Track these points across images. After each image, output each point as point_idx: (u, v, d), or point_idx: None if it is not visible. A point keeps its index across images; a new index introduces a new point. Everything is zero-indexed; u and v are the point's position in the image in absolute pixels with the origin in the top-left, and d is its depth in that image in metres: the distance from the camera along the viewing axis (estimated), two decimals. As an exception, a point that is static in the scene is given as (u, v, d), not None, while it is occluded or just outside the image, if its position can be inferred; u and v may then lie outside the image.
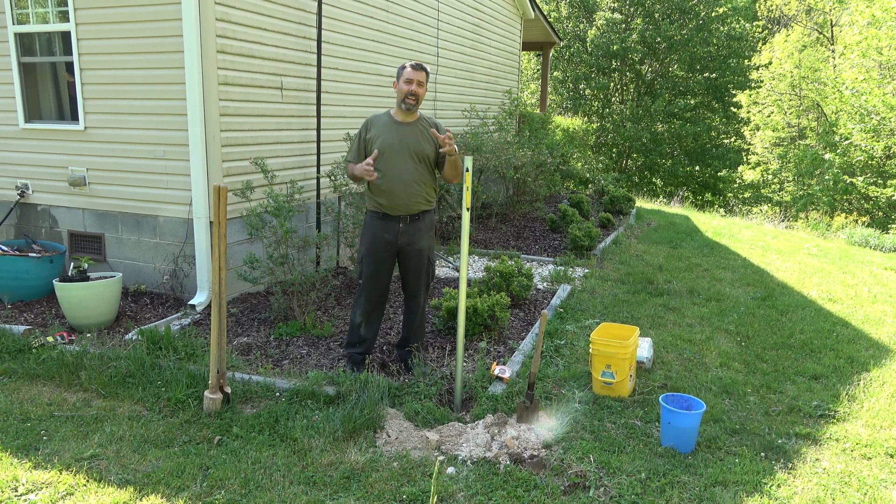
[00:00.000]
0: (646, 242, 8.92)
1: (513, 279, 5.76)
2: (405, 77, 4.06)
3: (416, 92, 4.06)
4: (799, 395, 4.26)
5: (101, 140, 5.81)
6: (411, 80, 4.04)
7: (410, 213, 4.16)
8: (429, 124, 4.18)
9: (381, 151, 4.08)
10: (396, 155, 4.08)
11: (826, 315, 6.02)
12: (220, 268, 3.74)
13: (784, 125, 24.01)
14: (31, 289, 5.66)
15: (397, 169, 4.08)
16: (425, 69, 4.12)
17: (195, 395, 3.95)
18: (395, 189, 4.09)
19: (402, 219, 4.16)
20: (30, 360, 4.41)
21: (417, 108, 4.15)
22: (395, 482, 3.17)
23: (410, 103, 4.07)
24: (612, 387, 4.07)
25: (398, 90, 4.10)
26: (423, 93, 4.12)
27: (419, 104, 4.14)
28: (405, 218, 4.16)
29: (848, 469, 3.42)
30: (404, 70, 4.08)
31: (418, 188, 4.13)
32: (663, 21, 19.41)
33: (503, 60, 11.41)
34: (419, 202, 4.15)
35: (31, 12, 5.84)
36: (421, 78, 4.07)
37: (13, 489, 3.07)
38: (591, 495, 3.10)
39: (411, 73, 4.06)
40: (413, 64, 4.10)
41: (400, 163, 4.08)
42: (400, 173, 4.08)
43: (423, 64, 4.12)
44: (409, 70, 4.06)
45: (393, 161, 4.09)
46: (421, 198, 4.15)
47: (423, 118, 4.21)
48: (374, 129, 4.15)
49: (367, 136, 4.17)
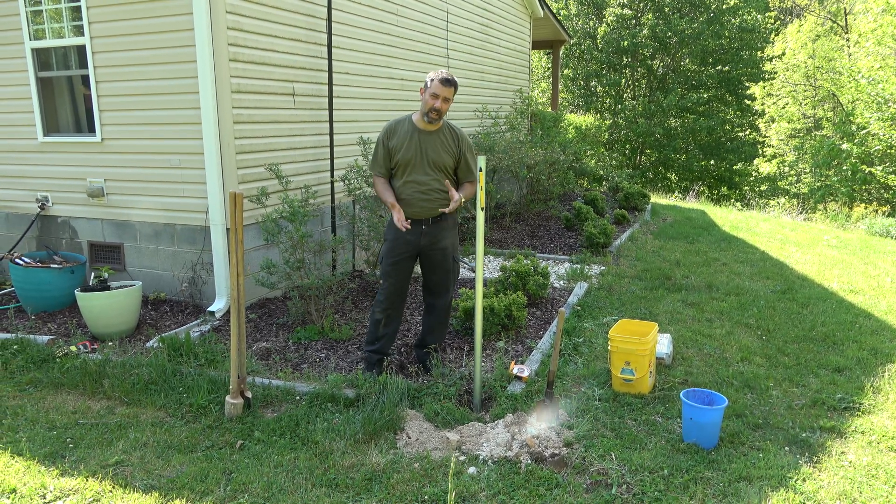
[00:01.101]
0: (662, 238, 8.86)
1: (529, 278, 5.75)
2: (432, 91, 3.97)
3: (441, 108, 4.00)
4: (822, 388, 4.21)
5: (117, 151, 5.89)
6: (437, 95, 3.97)
7: (432, 216, 4.18)
8: (451, 134, 4.16)
9: (406, 162, 4.09)
10: (417, 166, 4.10)
11: (848, 307, 5.94)
12: (239, 274, 3.77)
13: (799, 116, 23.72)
14: (54, 299, 5.75)
15: (417, 179, 4.10)
16: (455, 84, 4.03)
17: (216, 400, 3.98)
18: (415, 198, 4.11)
19: (425, 221, 4.18)
20: (54, 369, 4.47)
21: (440, 121, 4.13)
22: (416, 483, 3.17)
23: (433, 117, 4.04)
24: (631, 383, 4.04)
25: (424, 100, 4.04)
26: (448, 108, 4.07)
27: (441, 118, 4.10)
28: (427, 221, 4.18)
29: (874, 462, 3.38)
30: (433, 83, 3.98)
31: (437, 195, 4.14)
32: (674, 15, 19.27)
33: (513, 60, 11.39)
34: (439, 206, 4.17)
35: (47, 27, 5.93)
36: (448, 94, 4.00)
37: (41, 496, 3.12)
38: (613, 493, 3.09)
39: (439, 88, 3.96)
40: (443, 78, 3.98)
41: (420, 173, 4.10)
42: (419, 183, 4.10)
43: (453, 78, 4.04)
44: (437, 85, 3.96)
45: (413, 172, 4.10)
46: (440, 202, 4.16)
47: (447, 126, 4.18)
48: (396, 138, 4.13)
49: (390, 145, 4.14)
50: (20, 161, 6.42)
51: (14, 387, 4.31)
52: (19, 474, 3.30)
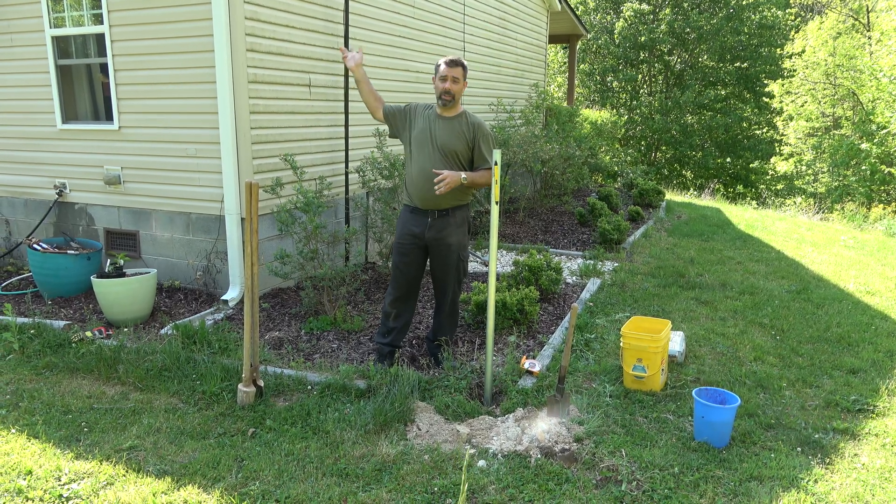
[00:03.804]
0: (676, 235, 8.81)
1: (541, 273, 5.74)
2: (440, 74, 4.04)
3: (451, 89, 4.02)
4: (836, 390, 4.18)
5: (135, 139, 5.93)
6: (445, 76, 4.02)
7: (439, 209, 4.16)
8: (467, 121, 4.15)
9: (412, 140, 4.15)
10: (424, 147, 4.11)
11: (864, 308, 5.88)
12: (253, 263, 3.79)
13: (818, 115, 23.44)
14: (70, 285, 5.81)
15: (425, 164, 4.09)
16: (461, 64, 4.08)
17: (229, 388, 4.02)
18: (421, 182, 4.11)
19: (431, 213, 4.17)
20: (70, 354, 4.53)
21: (456, 104, 4.13)
22: (426, 475, 3.19)
23: (447, 100, 4.06)
24: (643, 381, 4.03)
25: (435, 87, 4.08)
26: (460, 88, 4.08)
27: (456, 100, 4.10)
28: (433, 213, 4.17)
29: (888, 464, 3.35)
30: (439, 67, 4.06)
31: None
32: (692, 11, 19.08)
33: (530, 54, 11.34)
34: (446, 197, 4.13)
35: (66, 16, 5.97)
36: (456, 73, 4.03)
37: (56, 478, 3.17)
38: (623, 489, 3.08)
39: (445, 69, 4.03)
40: (447, 60, 4.05)
41: (426, 155, 4.09)
42: (425, 166, 4.08)
43: (459, 59, 4.08)
44: (442, 67, 4.04)
45: (421, 152, 4.11)
46: (448, 193, 4.14)
47: (466, 115, 4.17)
48: (417, 113, 4.21)
49: (411, 113, 4.23)
50: (39, 148, 6.49)
51: (31, 370, 4.37)
52: (35, 456, 3.35)
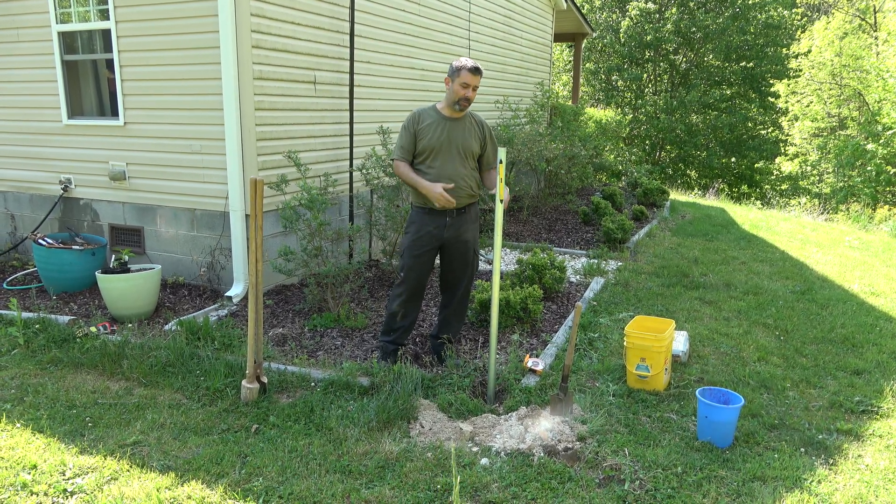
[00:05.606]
0: (680, 235, 8.79)
1: (545, 272, 5.73)
2: (462, 80, 3.99)
3: (471, 97, 4.06)
4: (840, 391, 4.17)
5: (140, 135, 5.94)
6: (468, 84, 4.00)
7: (457, 208, 4.18)
8: (475, 120, 4.20)
9: (431, 148, 4.09)
10: (445, 153, 4.10)
11: (869, 309, 5.86)
12: (257, 260, 3.80)
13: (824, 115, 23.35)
14: (75, 280, 5.83)
15: (446, 168, 4.10)
16: (482, 73, 4.09)
17: (233, 384, 4.03)
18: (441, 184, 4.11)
19: (450, 212, 4.18)
20: (74, 349, 4.54)
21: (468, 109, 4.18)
22: (429, 472, 3.19)
23: (464, 105, 4.07)
24: (646, 380, 4.03)
25: (452, 90, 4.05)
26: (475, 96, 4.12)
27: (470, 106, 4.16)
28: (452, 212, 4.18)
29: (892, 466, 3.34)
30: (461, 72, 3.99)
31: (464, 183, 4.14)
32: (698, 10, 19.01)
33: (535, 52, 11.32)
34: (465, 197, 4.17)
35: (73, 11, 5.98)
36: (477, 83, 4.05)
37: (61, 473, 3.18)
38: (626, 488, 3.08)
39: (469, 77, 3.99)
40: (471, 67, 4.00)
41: (448, 160, 4.10)
42: (449, 172, 4.09)
43: (480, 66, 4.07)
44: (467, 74, 3.99)
45: (442, 159, 4.10)
46: (466, 192, 4.17)
47: (469, 114, 4.21)
48: (424, 123, 4.14)
49: (417, 130, 4.14)
50: (44, 143, 6.51)
51: (35, 365, 4.38)
52: (40, 451, 3.36)
